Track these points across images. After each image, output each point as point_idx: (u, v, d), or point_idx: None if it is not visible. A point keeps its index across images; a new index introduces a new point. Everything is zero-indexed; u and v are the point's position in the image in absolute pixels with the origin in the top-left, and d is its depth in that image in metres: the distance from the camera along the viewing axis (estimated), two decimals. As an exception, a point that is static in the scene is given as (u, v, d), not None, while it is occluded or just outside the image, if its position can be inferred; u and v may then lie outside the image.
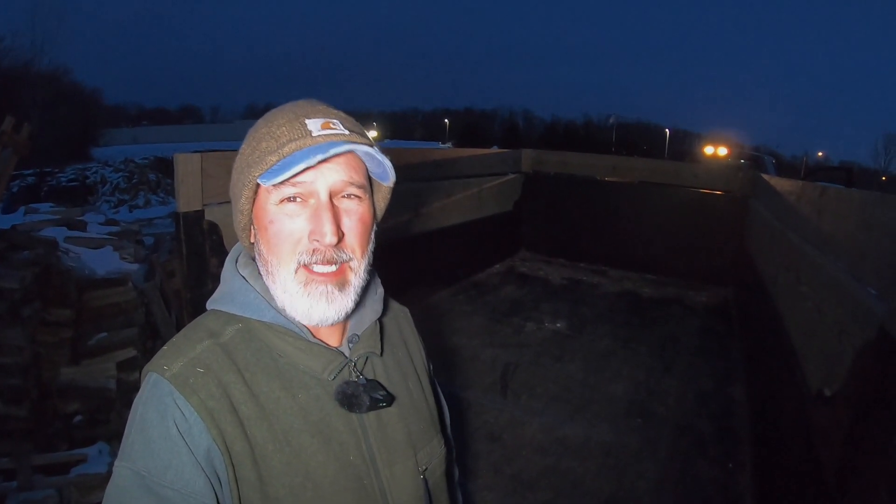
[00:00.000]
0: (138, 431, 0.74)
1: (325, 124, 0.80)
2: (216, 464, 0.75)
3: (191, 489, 0.72)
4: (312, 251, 0.79)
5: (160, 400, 0.75)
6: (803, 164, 15.14)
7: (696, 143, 24.53)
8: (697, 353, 4.49)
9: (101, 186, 16.64)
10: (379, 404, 0.86)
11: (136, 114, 79.08)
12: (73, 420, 3.79)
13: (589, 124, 76.99)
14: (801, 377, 2.09)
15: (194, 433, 0.74)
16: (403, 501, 0.91)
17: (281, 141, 0.79)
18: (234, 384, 0.78)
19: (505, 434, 3.16)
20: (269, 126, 0.82)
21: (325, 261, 0.80)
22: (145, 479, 0.72)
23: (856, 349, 1.54)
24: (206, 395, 0.76)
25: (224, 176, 2.12)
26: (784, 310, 2.79)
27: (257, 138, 0.82)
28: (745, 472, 2.90)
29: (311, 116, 0.81)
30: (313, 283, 0.80)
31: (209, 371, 0.77)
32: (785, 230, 3.18)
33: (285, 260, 0.80)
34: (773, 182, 4.37)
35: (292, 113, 0.82)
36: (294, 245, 0.80)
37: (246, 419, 0.78)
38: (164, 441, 0.73)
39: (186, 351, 0.79)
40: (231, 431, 0.76)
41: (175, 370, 0.76)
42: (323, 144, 0.77)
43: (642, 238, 6.60)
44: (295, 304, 0.81)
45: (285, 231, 0.80)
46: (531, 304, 5.43)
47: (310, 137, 0.78)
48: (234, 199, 0.85)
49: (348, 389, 0.84)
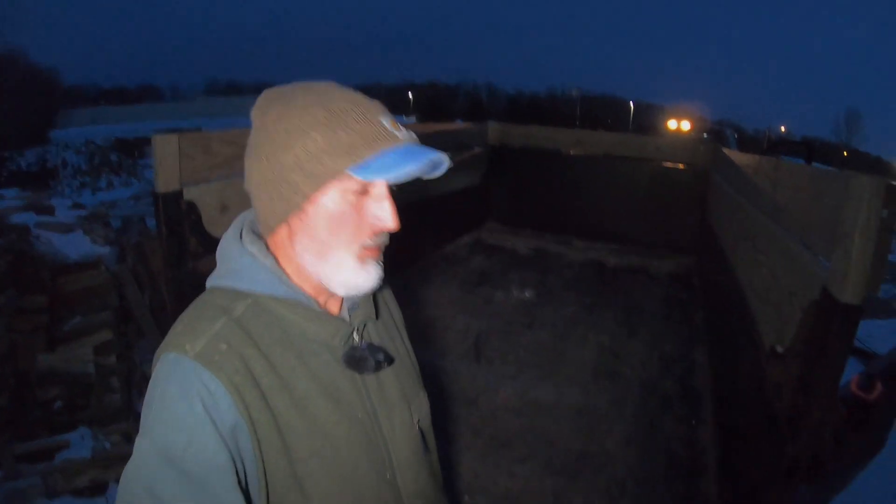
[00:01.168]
0: (160, 408, 0.76)
1: (393, 123, 0.86)
2: (240, 439, 0.79)
3: (214, 464, 0.75)
4: (374, 234, 0.87)
5: (184, 377, 0.77)
6: (765, 137, 15.45)
7: (659, 116, 24.80)
8: (661, 319, 4.68)
9: (62, 169, 16.08)
10: (382, 365, 0.94)
11: (94, 94, 76.26)
12: (54, 406, 3.75)
13: (553, 97, 76.78)
14: (758, 337, 2.27)
15: (221, 408, 0.77)
16: (403, 450, 1.00)
17: (367, 137, 0.82)
18: (253, 358, 0.82)
19: (480, 398, 3.30)
20: (341, 117, 0.83)
21: (378, 242, 0.88)
22: (168, 454, 0.73)
23: (803, 309, 1.71)
24: (232, 371, 0.79)
25: (201, 156, 2.19)
26: (742, 276, 2.96)
27: (332, 128, 0.82)
28: (708, 428, 3.09)
29: (380, 115, 0.86)
30: (367, 259, 0.88)
31: (231, 347, 0.81)
32: (743, 202, 3.34)
33: (348, 243, 0.86)
34: (733, 156, 4.53)
35: (360, 106, 0.85)
36: (358, 230, 0.86)
37: (268, 390, 0.82)
38: (188, 417, 0.75)
39: (205, 329, 0.82)
40: (256, 404, 0.80)
41: (199, 349, 0.79)
42: (412, 147, 0.85)
43: (607, 209, 6.71)
44: (350, 278, 0.88)
45: (352, 219, 0.85)
46: (500, 275, 5.55)
47: (395, 138, 0.84)
48: (290, 185, 0.85)
49: (356, 353, 0.91)
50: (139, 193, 13.71)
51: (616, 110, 57.56)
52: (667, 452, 2.89)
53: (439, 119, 45.85)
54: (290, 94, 0.88)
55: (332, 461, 0.87)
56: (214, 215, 2.21)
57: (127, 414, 4.16)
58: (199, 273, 2.13)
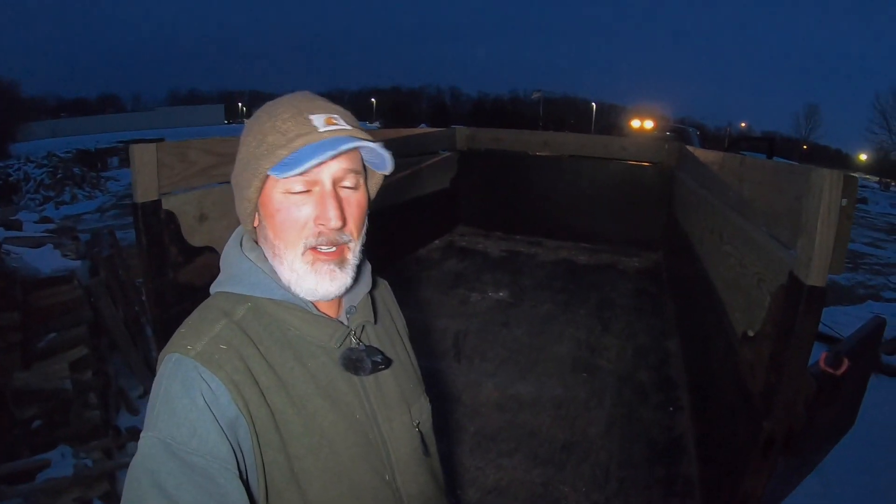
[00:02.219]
0: (163, 403, 0.80)
1: (328, 119, 0.88)
2: (240, 433, 0.82)
3: (216, 455, 0.78)
4: (318, 234, 0.88)
5: (185, 374, 0.81)
6: (727, 134, 15.84)
7: (622, 116, 25.12)
8: (633, 312, 4.80)
9: (24, 184, 15.70)
10: (379, 367, 0.97)
11: (54, 105, 74.59)
12: (32, 425, 3.71)
13: (516, 100, 77.61)
14: (729, 323, 2.39)
15: (221, 403, 0.81)
16: (402, 452, 1.03)
17: (289, 136, 0.86)
18: (252, 357, 0.86)
19: (463, 395, 3.36)
20: (273, 121, 0.88)
21: (329, 242, 0.89)
22: (171, 446, 0.77)
23: (772, 293, 1.83)
24: (232, 369, 0.83)
25: (178, 165, 2.21)
26: (710, 267, 3.08)
27: (263, 132, 0.88)
28: (685, 414, 3.21)
29: (315, 112, 0.89)
30: (319, 263, 0.90)
31: (230, 347, 0.85)
32: (709, 197, 3.48)
33: (293, 243, 0.89)
34: (698, 153, 4.68)
35: (294, 108, 0.89)
36: (301, 230, 0.88)
37: (266, 388, 0.85)
38: (190, 410, 0.79)
39: (206, 331, 0.86)
40: (255, 400, 0.83)
41: (199, 349, 0.83)
42: (330, 140, 0.85)
43: (576, 209, 6.85)
44: (302, 281, 0.90)
45: (292, 218, 0.88)
46: (473, 276, 5.61)
47: (317, 133, 0.86)
48: (240, 189, 0.92)
49: (353, 355, 0.94)
50: (104, 206, 13.50)
51: (579, 111, 58.33)
52: (647, 438, 2.99)
53: (404, 123, 45.73)
54: (264, 105, 0.95)
55: (329, 459, 0.90)
56: (193, 224, 2.21)
57: (106, 430, 4.13)
58: (180, 283, 2.14)
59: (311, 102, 0.92)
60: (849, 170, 60.49)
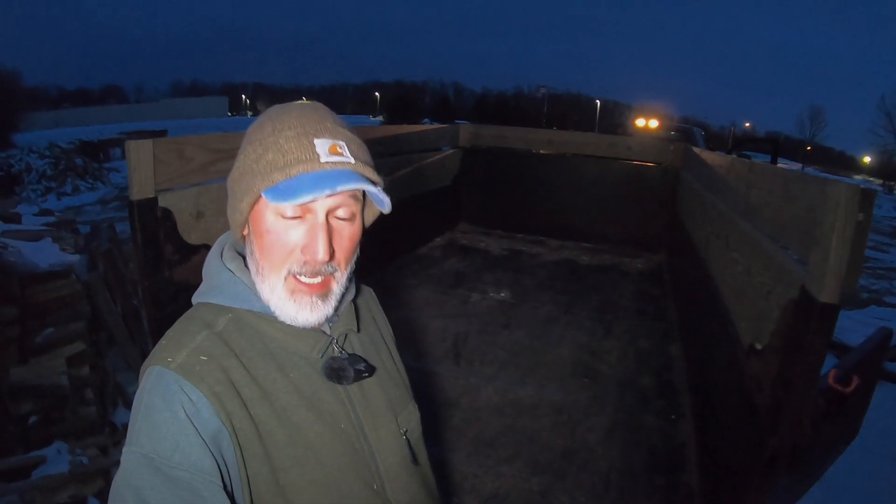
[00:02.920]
0: (144, 418, 0.78)
1: (332, 147, 0.84)
2: (223, 446, 0.80)
3: (199, 468, 0.77)
4: (303, 263, 0.86)
5: (166, 387, 0.79)
6: (730, 134, 15.70)
7: (626, 114, 25.09)
8: (635, 315, 4.76)
9: (26, 174, 15.70)
10: (362, 375, 0.95)
11: (57, 96, 74.79)
12: (28, 421, 3.67)
13: (520, 96, 77.67)
14: (734, 333, 2.34)
15: (203, 416, 0.79)
16: (391, 461, 1.01)
17: (288, 158, 0.83)
18: (234, 369, 0.84)
19: (462, 399, 3.32)
20: (276, 136, 0.85)
21: (313, 273, 0.86)
22: (154, 461, 0.75)
23: (781, 307, 1.78)
24: (213, 381, 0.81)
25: (175, 162, 2.17)
26: (715, 273, 3.04)
27: (264, 146, 0.85)
28: (687, 421, 3.17)
29: (321, 136, 0.85)
30: (299, 293, 0.87)
31: (211, 359, 0.83)
32: (715, 200, 3.43)
33: (276, 267, 0.86)
34: (704, 155, 4.64)
35: (301, 127, 0.85)
36: (287, 255, 0.86)
37: (248, 400, 0.84)
38: (172, 424, 0.77)
39: (187, 342, 0.84)
40: (237, 413, 0.82)
41: (180, 361, 0.81)
42: (330, 173, 0.83)
43: (578, 209, 6.81)
44: (281, 306, 0.88)
45: (280, 242, 0.85)
46: (474, 276, 5.58)
47: (317, 162, 0.82)
48: (234, 198, 0.90)
49: (335, 364, 0.93)
50: (106, 197, 13.51)
51: (583, 108, 58.28)
52: (648, 446, 2.95)
53: (407, 118, 45.67)
54: (275, 108, 0.92)
55: (314, 471, 0.88)
56: (190, 222, 2.18)
57: (102, 426, 4.09)
58: (175, 281, 2.11)
59: (319, 124, 0.87)
60: (852, 172, 60.48)
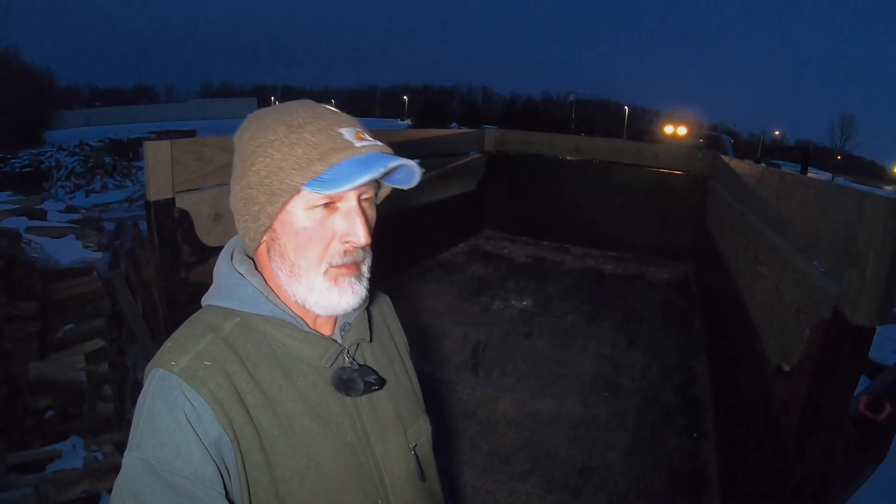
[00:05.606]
0: (146, 423, 0.77)
1: (357, 134, 0.84)
2: (225, 452, 0.79)
3: (200, 476, 0.76)
4: (344, 252, 0.85)
5: (168, 392, 0.78)
6: (760, 142, 15.49)
7: (654, 120, 24.83)
8: (660, 327, 4.65)
9: (56, 171, 16.07)
10: (372, 388, 0.93)
11: (89, 95, 76.74)
12: (45, 415, 3.71)
13: (548, 101, 77.52)
14: (762, 350, 2.23)
15: (205, 422, 0.78)
16: (397, 476, 0.98)
17: (323, 150, 0.81)
18: (238, 374, 0.83)
19: (479, 410, 3.26)
20: (299, 132, 0.82)
21: (352, 259, 0.86)
22: (155, 467, 0.75)
23: (812, 327, 1.67)
24: (215, 387, 0.80)
25: (193, 163, 2.15)
26: (743, 287, 2.93)
27: (288, 144, 0.82)
28: (710, 441, 3.06)
29: (341, 125, 0.84)
30: (341, 277, 0.86)
31: (215, 363, 0.82)
32: (744, 211, 3.31)
33: (314, 263, 0.85)
34: (733, 164, 4.52)
35: (319, 120, 0.84)
36: (325, 248, 0.85)
37: (252, 407, 0.82)
38: (173, 430, 0.76)
39: (191, 346, 0.83)
40: (239, 419, 0.80)
41: (183, 364, 0.80)
42: (369, 155, 0.81)
43: (604, 216, 6.70)
44: (323, 299, 0.86)
45: (318, 236, 0.84)
46: (497, 283, 5.51)
47: (353, 148, 0.82)
48: (257, 204, 0.85)
49: (344, 375, 0.90)
50: (133, 195, 13.75)
51: (611, 114, 57.95)
52: (668, 465, 2.85)
53: (435, 122, 45.91)
54: (263, 114, 0.89)
55: (316, 483, 0.86)
56: (208, 224, 2.19)
57: (119, 423, 4.12)
58: (192, 282, 2.11)
59: (331, 115, 0.86)
60: (882, 182, 59.20)
